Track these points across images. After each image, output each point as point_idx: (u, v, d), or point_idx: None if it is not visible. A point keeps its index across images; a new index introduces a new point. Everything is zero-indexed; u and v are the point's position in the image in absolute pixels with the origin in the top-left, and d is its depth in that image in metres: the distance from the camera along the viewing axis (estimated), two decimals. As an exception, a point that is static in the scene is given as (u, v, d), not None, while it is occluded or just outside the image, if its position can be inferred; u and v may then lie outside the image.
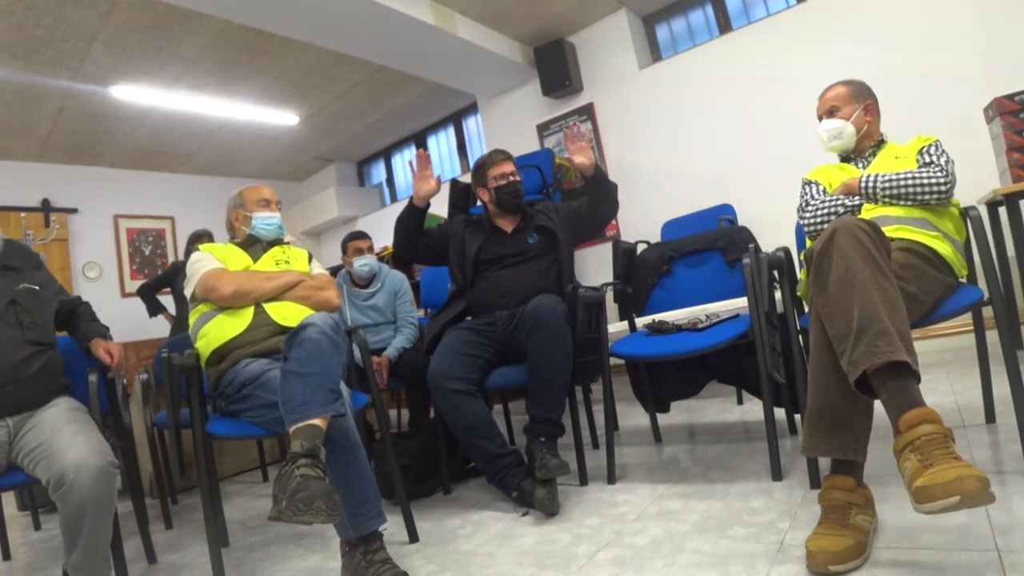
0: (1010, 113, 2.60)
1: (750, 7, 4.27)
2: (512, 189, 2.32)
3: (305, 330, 1.50)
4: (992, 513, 1.27)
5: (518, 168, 2.40)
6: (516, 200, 2.33)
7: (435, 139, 6.32)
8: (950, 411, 2.11)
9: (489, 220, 2.37)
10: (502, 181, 2.32)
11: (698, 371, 2.41)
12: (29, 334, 1.62)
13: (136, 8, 3.41)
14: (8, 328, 1.59)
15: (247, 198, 2.04)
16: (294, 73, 4.56)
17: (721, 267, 2.46)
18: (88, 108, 4.49)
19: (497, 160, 2.35)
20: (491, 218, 2.38)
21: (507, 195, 2.32)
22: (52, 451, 1.41)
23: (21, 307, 1.62)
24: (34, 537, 2.63)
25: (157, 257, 5.85)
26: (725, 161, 4.02)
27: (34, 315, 1.65)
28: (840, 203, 1.75)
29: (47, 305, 1.73)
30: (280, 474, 1.31)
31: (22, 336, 1.61)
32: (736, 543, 1.39)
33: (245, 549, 2.01)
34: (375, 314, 3.06)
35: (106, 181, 5.59)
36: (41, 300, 1.71)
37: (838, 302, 1.25)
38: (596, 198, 2.30)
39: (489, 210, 2.40)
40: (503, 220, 2.37)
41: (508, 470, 1.96)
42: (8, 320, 1.60)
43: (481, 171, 2.37)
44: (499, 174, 2.33)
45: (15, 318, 1.61)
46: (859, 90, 1.90)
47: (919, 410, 1.11)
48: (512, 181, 2.32)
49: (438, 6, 3.89)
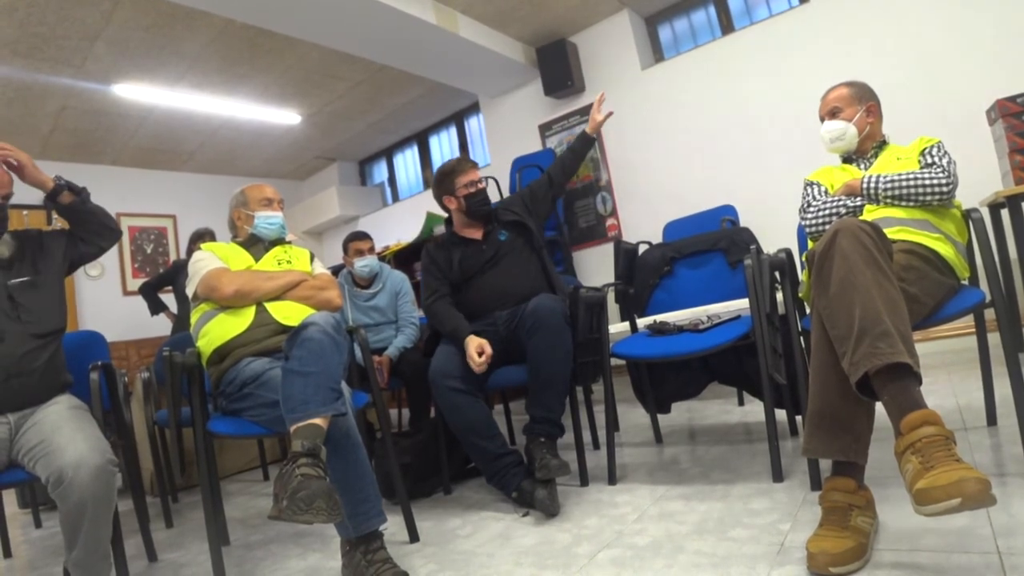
0: (1013, 115, 2.60)
1: (752, 8, 4.26)
2: (482, 197, 2.30)
3: (306, 329, 1.50)
4: (993, 515, 1.27)
5: (520, 168, 2.40)
6: (485, 207, 2.32)
7: (437, 139, 6.32)
8: (951, 413, 2.11)
9: (456, 235, 2.34)
10: (471, 189, 2.29)
11: (699, 372, 2.41)
12: (31, 327, 1.62)
13: (138, 6, 3.41)
14: (10, 323, 1.60)
15: (250, 197, 2.04)
16: (296, 72, 4.56)
17: (723, 268, 2.46)
18: (90, 106, 4.49)
19: (466, 168, 2.33)
20: (458, 232, 2.35)
21: (476, 203, 2.30)
22: (52, 449, 1.41)
23: (18, 302, 1.63)
24: (35, 535, 2.63)
25: (159, 255, 5.86)
26: (727, 162, 4.02)
27: (32, 306, 1.65)
28: (842, 204, 1.75)
29: (48, 291, 1.71)
30: (281, 473, 1.31)
31: (24, 330, 1.61)
32: (736, 544, 1.38)
33: (245, 548, 2.01)
34: (376, 314, 3.06)
35: (108, 179, 5.58)
36: (39, 288, 1.70)
37: (839, 303, 1.25)
38: (579, 156, 2.50)
39: (455, 220, 2.38)
40: (471, 230, 2.34)
41: (508, 470, 1.96)
42: (9, 315, 1.61)
43: (448, 179, 2.32)
44: (468, 182, 2.30)
45: (15, 312, 1.61)
46: (861, 91, 1.90)
47: (920, 412, 1.11)
48: (481, 189, 2.31)
49: (440, 6, 3.89)
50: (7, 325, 1.59)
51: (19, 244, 1.74)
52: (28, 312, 1.63)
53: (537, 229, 2.36)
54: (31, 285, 1.68)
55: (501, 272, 2.24)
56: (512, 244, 2.29)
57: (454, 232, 2.37)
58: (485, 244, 2.30)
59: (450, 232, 2.38)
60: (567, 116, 4.78)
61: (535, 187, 2.48)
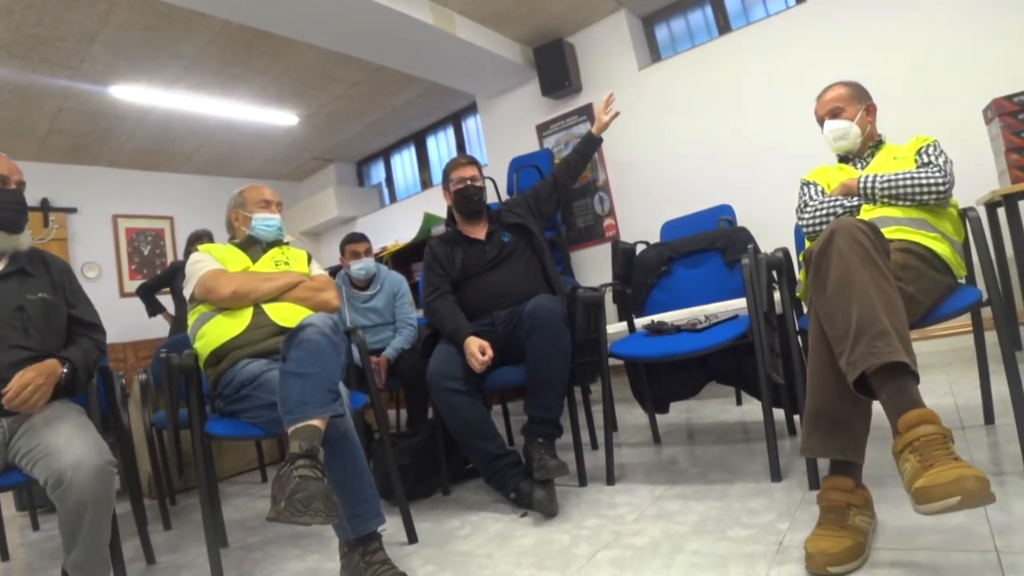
0: (1009, 114, 2.61)
1: (749, 8, 4.27)
2: (467, 193, 2.30)
3: (304, 331, 1.50)
4: (991, 514, 1.27)
5: (517, 168, 2.40)
6: (471, 204, 2.32)
7: (434, 139, 6.32)
8: (949, 412, 2.11)
9: (459, 233, 2.35)
10: (460, 185, 2.31)
11: (697, 372, 2.41)
12: (31, 341, 1.60)
13: (135, 8, 3.40)
14: (11, 331, 1.57)
15: (248, 198, 2.04)
16: (293, 73, 4.56)
17: (720, 268, 2.46)
18: (87, 108, 4.48)
19: (459, 164, 2.35)
20: (460, 229, 2.36)
21: (463, 199, 2.31)
22: (50, 450, 1.41)
23: (28, 315, 1.61)
24: (32, 537, 2.62)
25: (156, 257, 5.84)
26: (724, 161, 4.03)
27: (39, 324, 1.63)
28: (839, 204, 1.75)
29: (57, 315, 1.69)
30: (279, 475, 1.31)
31: (26, 343, 1.59)
32: (735, 544, 1.39)
33: (244, 550, 2.01)
34: (374, 315, 3.06)
35: (105, 181, 5.58)
36: (53, 310, 1.68)
37: (837, 303, 1.25)
38: (585, 157, 2.49)
39: (456, 217, 2.39)
40: (472, 228, 2.35)
41: (506, 471, 1.96)
42: (13, 324, 1.59)
43: (445, 174, 2.38)
44: (458, 177, 2.32)
45: (21, 324, 1.60)
46: (859, 91, 1.90)
47: (918, 411, 1.11)
48: (469, 185, 2.30)
49: (437, 6, 3.88)
50: (7, 333, 1.57)
51: (44, 264, 1.73)
52: (35, 328, 1.61)
53: (540, 232, 2.36)
54: (45, 303, 1.66)
55: (502, 273, 2.25)
56: (514, 246, 2.30)
57: (457, 230, 2.37)
58: (488, 245, 2.30)
59: (454, 229, 2.39)
60: (564, 116, 4.78)
61: (540, 188, 2.48)
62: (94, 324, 1.78)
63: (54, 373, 1.56)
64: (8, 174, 1.65)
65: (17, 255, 1.68)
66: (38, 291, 1.66)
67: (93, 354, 1.72)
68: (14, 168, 1.67)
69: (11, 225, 1.65)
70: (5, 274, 1.63)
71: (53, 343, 1.67)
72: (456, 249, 2.31)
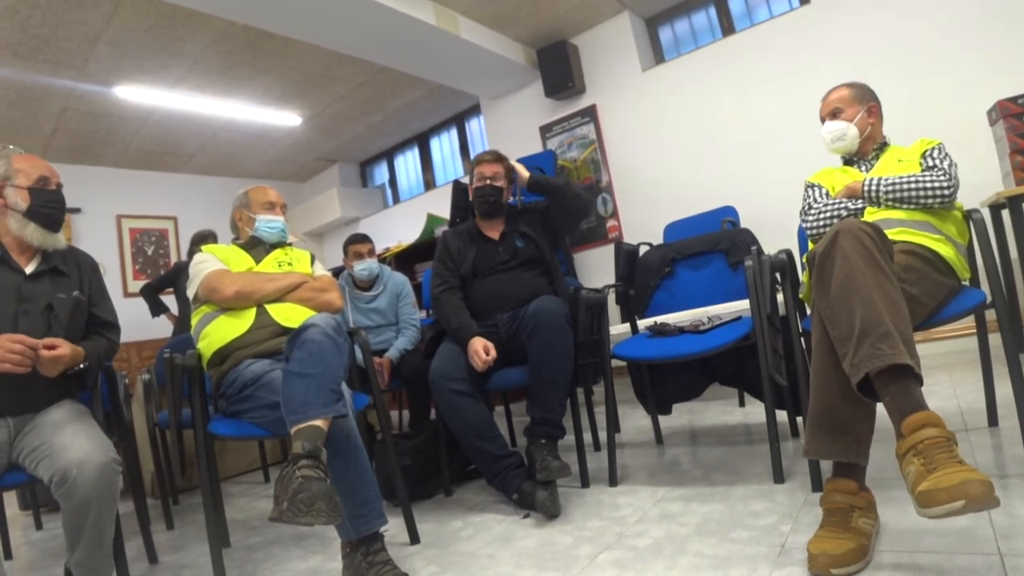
0: (1014, 116, 2.60)
1: (753, 9, 4.27)
2: (484, 193, 2.28)
3: (307, 331, 1.50)
4: (995, 517, 1.26)
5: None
6: (486, 206, 2.29)
7: (437, 140, 6.32)
8: (952, 414, 2.11)
9: (477, 229, 2.34)
10: (480, 183, 2.29)
11: (700, 373, 2.40)
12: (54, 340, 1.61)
13: (139, 8, 3.42)
14: (38, 330, 1.57)
15: (252, 199, 2.05)
16: (296, 73, 4.57)
17: (723, 269, 2.46)
18: (91, 108, 4.50)
19: (483, 160, 2.32)
20: (478, 226, 2.35)
21: (479, 197, 2.30)
22: (54, 449, 1.41)
23: (55, 315, 1.62)
24: (36, 536, 2.63)
25: (160, 257, 5.86)
26: (728, 163, 4.02)
27: (64, 323, 1.64)
28: (843, 206, 1.75)
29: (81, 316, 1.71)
30: (281, 475, 1.31)
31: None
32: (737, 546, 1.38)
33: (246, 550, 2.01)
34: (377, 316, 3.06)
35: (109, 181, 5.60)
36: (80, 309, 1.70)
37: (840, 304, 1.25)
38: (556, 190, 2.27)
39: (476, 214, 2.38)
40: (489, 227, 2.34)
41: (508, 472, 1.96)
42: (41, 323, 1.59)
43: (472, 168, 2.34)
44: (479, 174, 2.30)
45: (47, 323, 1.60)
46: (862, 92, 1.90)
47: (922, 413, 1.11)
48: (488, 185, 2.28)
49: (440, 7, 3.89)
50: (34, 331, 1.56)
51: (76, 264, 1.75)
52: (59, 327, 1.62)
53: (550, 249, 2.32)
54: (74, 303, 1.67)
55: (511, 276, 2.24)
56: (527, 255, 2.29)
57: (475, 223, 2.36)
58: (501, 246, 2.29)
59: (472, 223, 2.38)
60: (568, 118, 4.78)
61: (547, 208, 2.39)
62: (111, 323, 1.80)
63: (75, 360, 1.59)
64: (49, 175, 1.69)
65: (51, 254, 1.69)
66: (69, 290, 1.68)
67: (106, 352, 1.74)
68: (53, 171, 1.71)
69: (52, 224, 1.68)
70: (37, 272, 1.64)
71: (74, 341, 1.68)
72: (470, 245, 2.30)
